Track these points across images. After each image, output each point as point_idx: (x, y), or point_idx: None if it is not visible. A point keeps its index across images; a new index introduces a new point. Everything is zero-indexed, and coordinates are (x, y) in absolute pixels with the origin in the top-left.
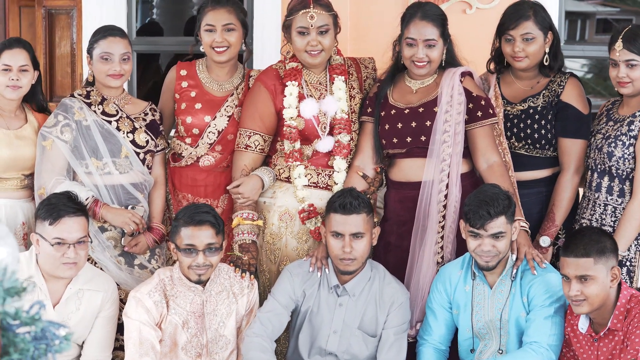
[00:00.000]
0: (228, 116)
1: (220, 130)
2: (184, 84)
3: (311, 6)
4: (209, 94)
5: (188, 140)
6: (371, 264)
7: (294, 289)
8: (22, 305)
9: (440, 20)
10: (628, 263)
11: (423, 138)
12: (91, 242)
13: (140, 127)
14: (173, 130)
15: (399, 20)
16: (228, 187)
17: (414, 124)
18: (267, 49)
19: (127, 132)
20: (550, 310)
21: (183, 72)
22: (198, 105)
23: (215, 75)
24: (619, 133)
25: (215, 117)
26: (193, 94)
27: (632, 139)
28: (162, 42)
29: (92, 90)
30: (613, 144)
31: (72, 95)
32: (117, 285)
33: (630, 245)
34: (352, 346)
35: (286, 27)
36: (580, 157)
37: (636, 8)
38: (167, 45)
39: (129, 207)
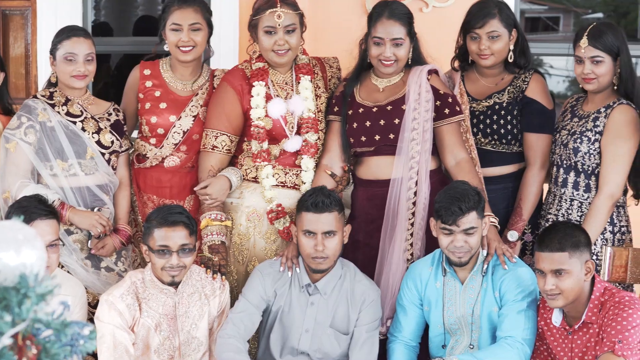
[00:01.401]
0: (193, 116)
1: (185, 130)
2: (148, 84)
3: (278, 5)
4: (174, 93)
5: (152, 140)
6: (342, 262)
7: (265, 289)
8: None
9: (407, 19)
10: (594, 257)
11: (391, 136)
12: (63, 244)
13: (105, 128)
14: (136, 131)
15: (357, 18)
16: (195, 189)
17: (382, 122)
18: (224, 49)
19: (92, 133)
20: (523, 304)
21: (147, 72)
22: (163, 105)
23: (179, 75)
24: (584, 129)
25: (181, 117)
26: (157, 93)
27: (597, 135)
28: (113, 42)
29: (56, 91)
30: (579, 140)
31: (35, 97)
32: (85, 288)
33: (597, 240)
34: (324, 344)
35: (252, 27)
36: (545, 152)
37: (563, 5)
38: (119, 46)
39: (95, 209)
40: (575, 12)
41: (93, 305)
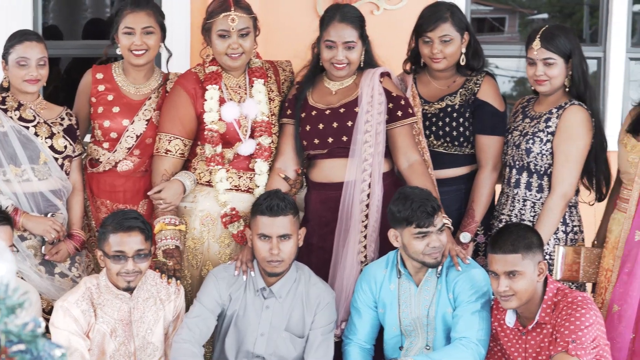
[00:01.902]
0: (146, 120)
1: (138, 135)
2: (101, 88)
3: (232, 9)
4: (127, 97)
5: (106, 145)
6: (296, 265)
7: (220, 293)
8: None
9: (359, 22)
10: (547, 257)
11: (345, 138)
12: (17, 251)
13: (58, 132)
14: (88, 136)
15: (307, 22)
16: (149, 193)
17: (335, 125)
18: (176, 52)
19: (45, 138)
20: (477, 305)
21: (99, 76)
22: (116, 109)
23: (132, 79)
24: (536, 130)
25: (134, 120)
26: (110, 97)
27: (549, 135)
28: (63, 45)
29: (8, 96)
30: (531, 141)
31: None
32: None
33: (550, 240)
34: (279, 348)
35: (206, 30)
36: (497, 154)
37: (509, 6)
38: (68, 49)
39: (49, 215)
40: (520, 13)
41: (47, 312)
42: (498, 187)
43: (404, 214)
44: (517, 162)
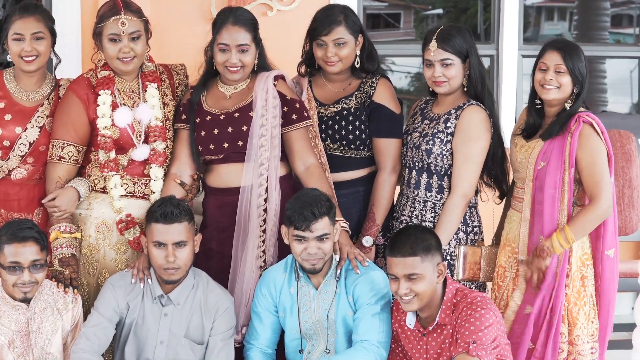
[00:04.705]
0: (39, 127)
1: (31, 142)
2: None
3: (122, 12)
4: (19, 104)
5: None
6: (194, 271)
7: (118, 302)
8: None
9: (252, 25)
10: (448, 257)
11: (240, 143)
12: None
13: None
14: None
15: (200, 25)
16: (43, 201)
17: (230, 130)
18: (67, 57)
19: None
20: (377, 307)
21: None
22: (8, 117)
23: (24, 85)
24: (436, 131)
25: (26, 128)
26: (2, 105)
27: (449, 136)
28: None
29: None
30: (431, 142)
31: None
32: None
33: (451, 240)
34: (179, 355)
35: (97, 35)
36: (396, 156)
37: (403, 2)
38: None
39: None
40: (415, 9)
41: None
42: (397, 189)
43: (288, 214)
44: (417, 164)
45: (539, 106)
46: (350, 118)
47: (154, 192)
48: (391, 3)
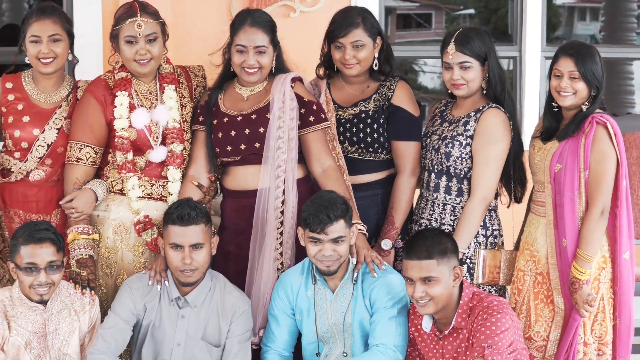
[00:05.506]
0: (57, 128)
1: (49, 144)
2: (11, 97)
3: (138, 14)
4: (37, 106)
5: (17, 154)
6: (211, 273)
7: (135, 303)
8: None
9: (270, 27)
10: (468, 261)
11: (257, 145)
12: None
13: None
14: (1, 144)
15: (221, 26)
16: (61, 202)
17: (247, 131)
18: (88, 59)
19: None
20: (394, 311)
21: (9, 85)
22: (26, 119)
23: (42, 87)
24: (455, 133)
25: (44, 129)
26: (20, 106)
27: (468, 139)
28: None
29: None
30: (450, 145)
31: None
32: None
33: (470, 243)
34: (196, 357)
35: (114, 37)
36: (415, 159)
37: (435, 2)
38: None
39: None
40: (446, 9)
41: None
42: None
43: (304, 216)
44: (436, 166)
45: (557, 109)
46: (369, 121)
47: (171, 194)
48: (422, 3)
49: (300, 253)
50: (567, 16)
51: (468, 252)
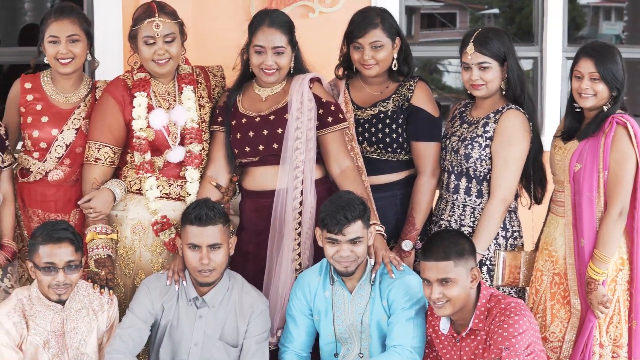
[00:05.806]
0: (76, 129)
1: (68, 144)
2: (29, 97)
3: (156, 15)
4: (55, 106)
5: (36, 154)
6: (229, 274)
7: (153, 303)
8: None
9: (288, 28)
10: (488, 262)
11: (275, 145)
12: None
13: None
14: (20, 144)
15: (241, 27)
16: (79, 202)
17: (265, 132)
18: (108, 59)
19: None
20: (411, 312)
21: (28, 85)
22: (44, 119)
23: (60, 87)
24: (474, 135)
25: (63, 130)
26: (39, 107)
27: (488, 140)
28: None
29: None
30: (470, 146)
31: None
32: None
33: (490, 245)
34: (214, 357)
35: (132, 38)
36: (435, 160)
37: (459, 2)
38: (5, 56)
39: None
40: (471, 9)
41: None
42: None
43: (321, 216)
44: (455, 168)
45: (579, 110)
46: (388, 121)
47: (189, 194)
48: (446, 3)
49: (318, 253)
50: (592, 16)
51: (488, 254)
